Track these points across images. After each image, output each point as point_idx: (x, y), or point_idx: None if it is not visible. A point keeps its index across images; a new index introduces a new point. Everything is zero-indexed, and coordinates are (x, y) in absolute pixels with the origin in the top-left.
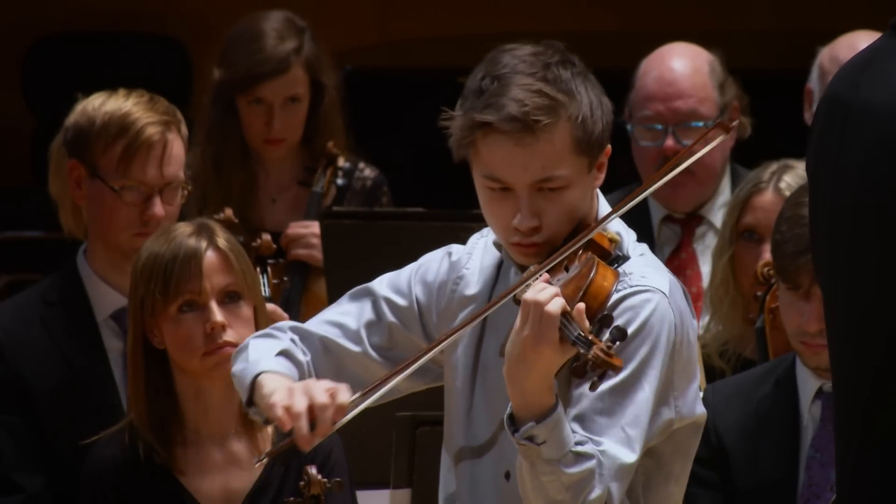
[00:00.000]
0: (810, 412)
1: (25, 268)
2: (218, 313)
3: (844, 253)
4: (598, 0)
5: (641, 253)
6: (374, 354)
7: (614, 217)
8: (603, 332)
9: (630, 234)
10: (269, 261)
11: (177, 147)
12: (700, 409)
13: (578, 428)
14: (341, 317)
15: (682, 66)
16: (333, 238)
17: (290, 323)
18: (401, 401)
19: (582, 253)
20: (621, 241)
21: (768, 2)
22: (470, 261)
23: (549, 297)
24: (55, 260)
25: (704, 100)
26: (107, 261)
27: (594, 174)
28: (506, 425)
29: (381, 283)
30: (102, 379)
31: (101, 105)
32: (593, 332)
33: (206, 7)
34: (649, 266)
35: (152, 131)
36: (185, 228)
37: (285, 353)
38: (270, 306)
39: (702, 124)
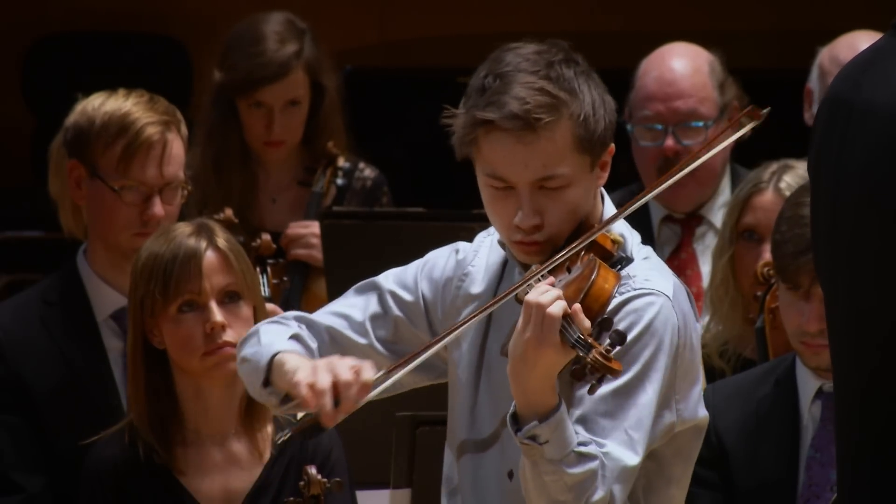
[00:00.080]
0: (810, 412)
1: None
2: (218, 313)
3: (845, 252)
4: (599, 0)
5: (646, 256)
6: (379, 347)
7: (620, 217)
8: (602, 335)
9: (634, 236)
10: (269, 261)
11: (176, 147)
12: (702, 413)
13: (581, 430)
14: (347, 309)
15: (682, 66)
16: (333, 238)
17: (295, 313)
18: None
19: (584, 254)
20: (625, 243)
21: (768, 2)
22: (476, 258)
23: (550, 300)
24: (55, 260)
25: (704, 100)
26: (107, 261)
27: (597, 173)
28: (508, 424)
29: (387, 278)
30: (102, 379)
31: (101, 105)
32: (593, 336)
33: (206, 7)
34: (653, 269)
35: (152, 131)
36: (184, 228)
37: (297, 338)
38: (270, 306)
39: (702, 124)
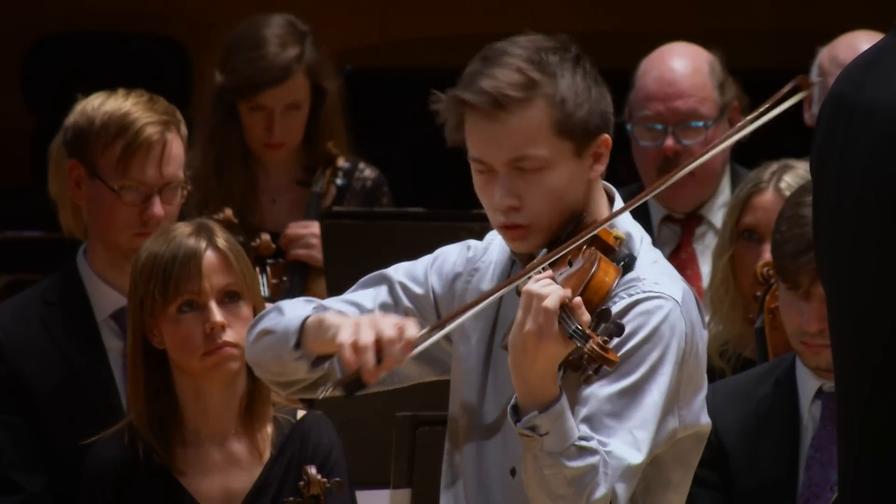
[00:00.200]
0: (810, 412)
1: (25, 268)
2: (217, 313)
3: (847, 252)
4: (598, 0)
5: (655, 260)
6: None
7: (625, 212)
8: (601, 326)
9: (644, 237)
10: (269, 261)
11: (176, 147)
12: (704, 420)
13: (586, 429)
14: (358, 298)
15: (682, 65)
16: (333, 238)
17: (306, 298)
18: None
19: (586, 248)
20: (630, 241)
21: (768, 2)
22: (485, 255)
23: (548, 291)
24: (55, 260)
25: (704, 100)
26: (107, 261)
27: (587, 163)
28: (509, 416)
29: (397, 271)
30: (102, 379)
31: (101, 105)
32: (591, 327)
33: (206, 7)
34: (663, 273)
35: (151, 131)
36: (184, 228)
37: (322, 308)
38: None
39: (701, 124)
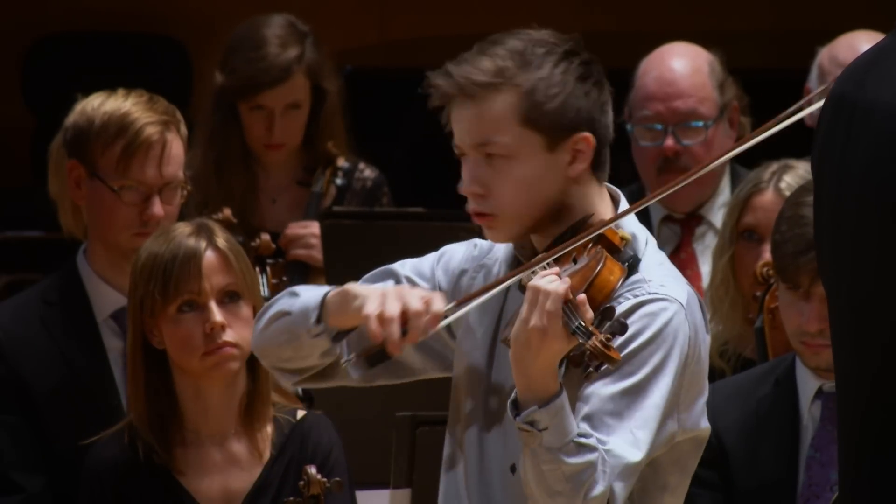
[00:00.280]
0: (810, 412)
1: (25, 268)
2: (217, 313)
3: (849, 252)
4: (598, 0)
5: (661, 262)
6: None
7: (632, 212)
8: (604, 324)
9: (649, 239)
10: (269, 261)
11: (176, 147)
12: (704, 425)
13: (586, 427)
14: None
15: (682, 65)
16: (333, 238)
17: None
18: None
19: (591, 247)
20: (635, 243)
21: (768, 2)
22: (491, 252)
23: (554, 287)
24: (55, 260)
25: (704, 100)
26: (107, 261)
27: (563, 159)
28: (508, 410)
29: (404, 266)
30: (102, 379)
31: (101, 105)
32: (594, 324)
33: (206, 7)
34: (669, 276)
35: (151, 131)
36: (184, 228)
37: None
38: None
39: (701, 124)
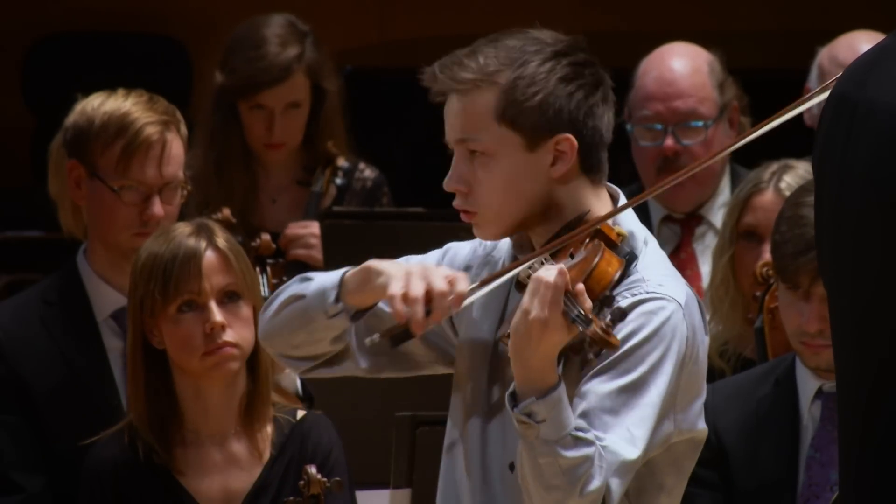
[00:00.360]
0: (810, 412)
1: (25, 268)
2: (217, 313)
3: (849, 252)
4: (599, 0)
5: (660, 262)
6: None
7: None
8: (604, 311)
9: (649, 238)
10: (269, 261)
11: (176, 147)
12: (701, 426)
13: (583, 424)
14: None
15: (682, 65)
16: (333, 238)
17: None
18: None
19: (589, 241)
20: (633, 240)
21: (769, 2)
22: (496, 250)
23: (552, 277)
24: (55, 260)
25: (704, 99)
26: (107, 261)
27: (544, 159)
28: (507, 402)
29: (408, 261)
30: (102, 379)
31: (101, 105)
32: (594, 312)
33: (206, 7)
34: (668, 276)
35: (151, 131)
36: (184, 228)
37: None
38: None
39: (701, 124)
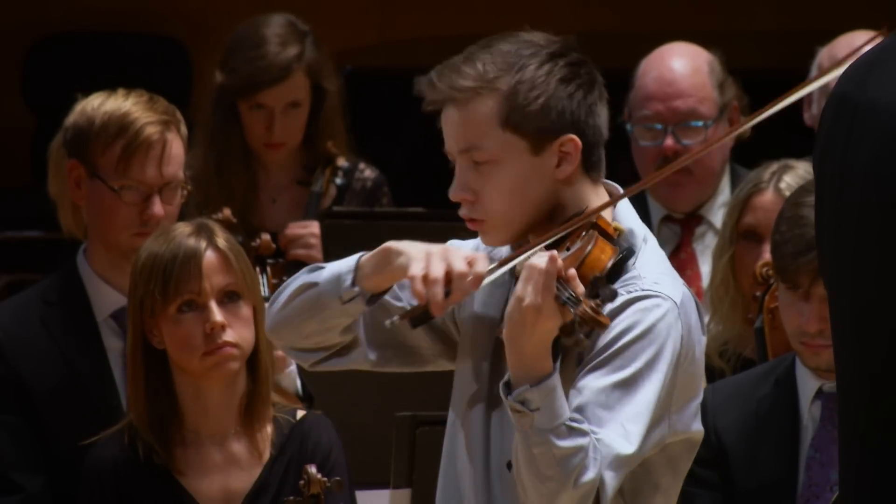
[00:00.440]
0: (810, 412)
1: (25, 268)
2: (217, 313)
3: (850, 252)
4: (598, 0)
5: (658, 260)
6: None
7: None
8: (594, 292)
9: (648, 236)
10: (269, 260)
11: (176, 147)
12: (696, 427)
13: (578, 416)
14: None
15: (682, 65)
16: (333, 238)
17: None
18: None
19: (585, 234)
20: (632, 237)
21: (769, 2)
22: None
23: (544, 263)
24: (55, 260)
25: (704, 99)
26: (107, 261)
27: (549, 161)
28: (501, 391)
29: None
30: (102, 379)
31: (101, 105)
32: (585, 295)
33: (206, 7)
34: (664, 275)
35: (151, 131)
36: (184, 228)
37: None
38: None
39: (701, 124)
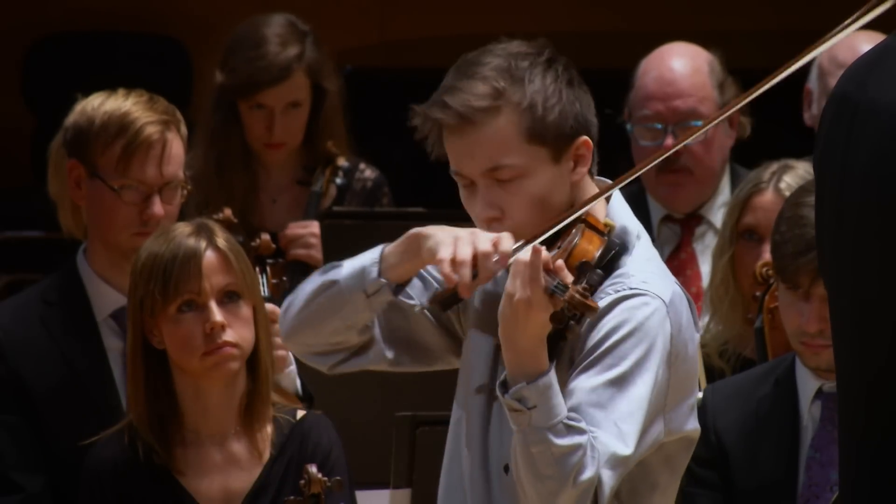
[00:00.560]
0: (810, 412)
1: (25, 268)
2: (217, 313)
3: (849, 251)
4: (599, 0)
5: (649, 258)
6: (426, 313)
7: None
8: (581, 278)
9: (642, 234)
10: (269, 260)
11: (176, 146)
12: (692, 426)
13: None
14: None
15: (682, 65)
16: (334, 238)
17: None
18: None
19: (575, 230)
20: (625, 235)
21: (769, 2)
22: None
23: (530, 256)
24: (55, 260)
25: (704, 99)
26: (107, 260)
27: (566, 166)
28: (497, 390)
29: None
30: (102, 379)
31: (101, 105)
32: (573, 282)
33: (206, 7)
34: (654, 273)
35: (151, 131)
36: (184, 228)
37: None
38: (270, 306)
39: (701, 123)
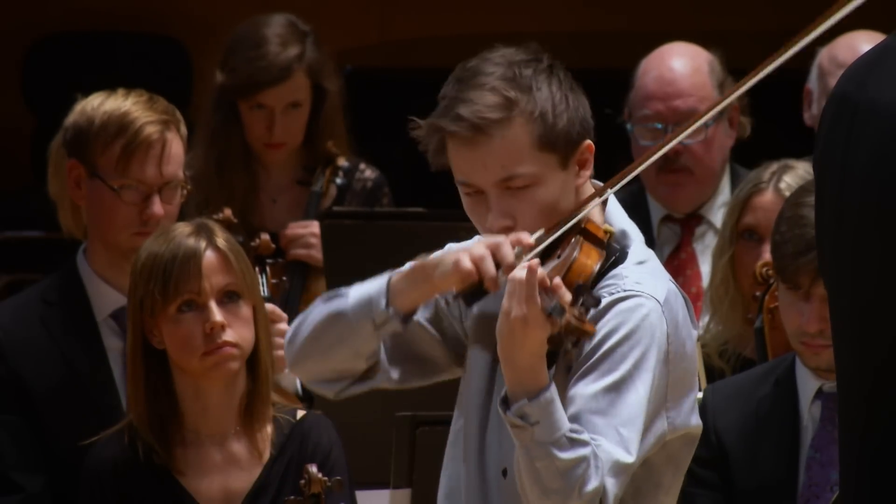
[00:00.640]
0: (810, 412)
1: (25, 268)
2: (217, 313)
3: (850, 251)
4: (599, 0)
5: (643, 260)
6: (428, 326)
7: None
8: (577, 300)
9: (637, 235)
10: (268, 260)
11: (176, 146)
12: (695, 422)
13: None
14: None
15: (682, 65)
16: (334, 238)
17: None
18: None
19: (574, 240)
20: (625, 239)
21: (769, 2)
22: None
23: (527, 274)
24: (55, 260)
25: (704, 99)
26: (106, 260)
27: (573, 171)
28: (499, 407)
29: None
30: (102, 379)
31: (100, 105)
32: (570, 303)
33: (206, 7)
34: (647, 273)
35: (151, 130)
36: (184, 228)
37: None
38: (270, 306)
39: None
